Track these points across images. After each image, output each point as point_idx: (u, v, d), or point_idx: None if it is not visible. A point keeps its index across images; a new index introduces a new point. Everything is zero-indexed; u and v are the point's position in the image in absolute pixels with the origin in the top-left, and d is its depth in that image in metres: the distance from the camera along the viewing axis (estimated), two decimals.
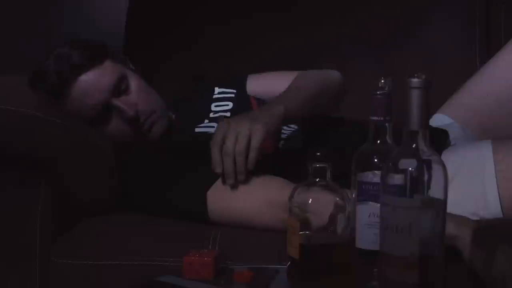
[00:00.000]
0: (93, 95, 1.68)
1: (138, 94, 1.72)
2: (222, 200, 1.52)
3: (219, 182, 1.51)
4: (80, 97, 1.67)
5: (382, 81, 1.26)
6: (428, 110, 1.14)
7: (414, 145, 1.14)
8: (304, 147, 1.64)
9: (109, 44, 1.75)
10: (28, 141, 1.49)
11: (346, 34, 2.16)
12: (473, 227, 1.32)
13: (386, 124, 1.26)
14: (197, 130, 1.75)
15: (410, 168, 1.13)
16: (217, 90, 1.86)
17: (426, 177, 1.13)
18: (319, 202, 1.24)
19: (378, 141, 1.26)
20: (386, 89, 1.25)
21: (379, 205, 1.17)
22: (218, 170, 1.48)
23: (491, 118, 1.85)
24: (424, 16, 2.20)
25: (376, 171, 1.23)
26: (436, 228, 1.13)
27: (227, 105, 1.81)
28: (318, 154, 1.26)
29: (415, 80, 1.13)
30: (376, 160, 1.25)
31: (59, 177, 1.53)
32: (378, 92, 1.26)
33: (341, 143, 1.51)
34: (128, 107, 1.69)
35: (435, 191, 1.13)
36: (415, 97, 1.13)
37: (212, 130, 1.65)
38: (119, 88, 1.70)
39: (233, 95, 1.84)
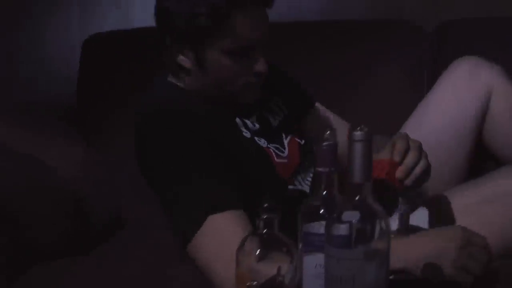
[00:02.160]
0: (258, 29, 1.63)
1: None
2: (213, 238, 1.51)
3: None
4: (246, 23, 1.61)
5: (328, 133, 1.28)
6: (371, 161, 1.17)
7: (357, 197, 1.16)
8: None
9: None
10: None
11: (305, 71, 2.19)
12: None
13: (333, 176, 1.28)
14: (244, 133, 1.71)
15: (353, 220, 1.15)
16: (274, 99, 1.84)
17: (369, 229, 1.15)
18: (266, 254, 1.26)
19: (325, 192, 1.28)
20: (331, 141, 1.28)
21: None
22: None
23: None
24: (377, 57, 2.25)
25: (322, 222, 1.25)
26: (380, 278, 1.15)
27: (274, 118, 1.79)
28: (266, 205, 1.27)
29: (358, 133, 1.16)
30: (322, 211, 1.26)
31: (14, 223, 1.53)
32: (324, 144, 1.28)
33: None
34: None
35: (378, 242, 1.15)
36: (358, 150, 1.15)
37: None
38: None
39: (282, 115, 1.82)
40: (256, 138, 1.68)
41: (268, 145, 1.69)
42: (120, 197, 2.07)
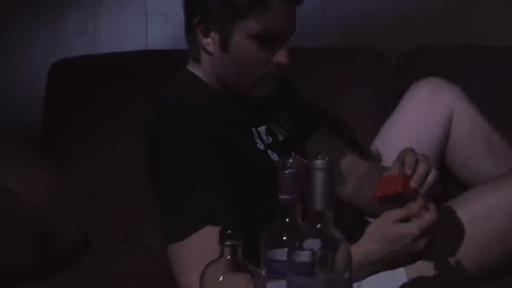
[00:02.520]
0: (288, 19, 1.65)
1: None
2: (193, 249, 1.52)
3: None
4: (280, 11, 1.62)
5: (291, 160, 1.30)
6: (332, 190, 1.18)
7: (319, 225, 1.17)
8: None
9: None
10: None
11: None
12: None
13: (295, 203, 1.29)
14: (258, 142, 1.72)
15: (314, 248, 1.16)
16: (282, 113, 1.84)
17: (330, 257, 1.16)
18: (230, 280, 1.26)
19: (287, 220, 1.29)
20: (294, 168, 1.29)
21: None
22: None
23: None
24: (343, 84, 2.27)
25: (285, 249, 1.26)
26: None
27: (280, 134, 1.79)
28: (229, 232, 1.28)
29: (318, 162, 1.17)
30: (285, 238, 1.27)
31: None
32: (286, 172, 1.29)
33: None
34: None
35: (339, 270, 1.16)
36: (319, 178, 1.17)
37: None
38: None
39: (289, 131, 1.82)
40: (269, 152, 1.70)
41: (278, 160, 1.69)
42: (86, 222, 2.06)
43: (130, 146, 2.12)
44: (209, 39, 1.66)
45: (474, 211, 1.66)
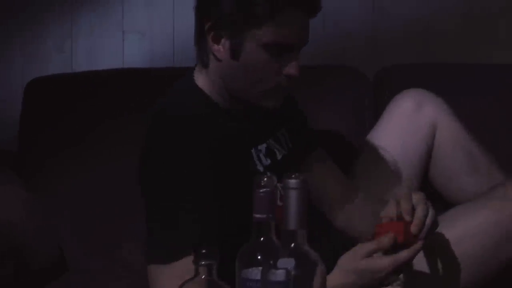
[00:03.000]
0: (302, 31, 1.62)
1: None
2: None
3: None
4: (295, 22, 1.60)
5: (265, 179, 1.30)
6: (306, 209, 1.18)
7: (292, 244, 1.17)
8: None
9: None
10: None
11: None
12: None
13: (270, 222, 1.29)
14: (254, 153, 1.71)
15: (288, 267, 1.16)
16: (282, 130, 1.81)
17: (304, 276, 1.16)
18: None
19: (262, 238, 1.29)
20: (269, 187, 1.29)
21: None
22: None
23: None
24: (320, 102, 2.28)
25: (260, 268, 1.26)
26: None
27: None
28: (204, 251, 1.28)
29: (292, 181, 1.17)
30: (259, 257, 1.27)
31: None
32: (261, 190, 1.29)
33: None
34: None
35: None
36: (293, 197, 1.17)
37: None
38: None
39: (286, 149, 1.80)
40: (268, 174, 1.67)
41: (277, 184, 1.68)
42: (63, 239, 2.06)
43: (106, 163, 2.12)
44: (219, 46, 1.62)
45: (454, 233, 1.66)
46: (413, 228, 1.53)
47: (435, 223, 1.59)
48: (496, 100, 2.28)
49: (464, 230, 1.67)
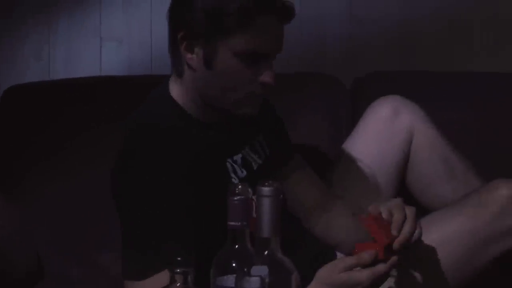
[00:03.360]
0: (275, 38, 1.62)
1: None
2: None
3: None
4: (267, 30, 1.60)
5: (240, 187, 1.30)
6: (279, 217, 1.19)
7: (266, 252, 1.18)
8: None
9: None
10: None
11: None
12: None
13: (244, 229, 1.29)
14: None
15: (262, 275, 1.16)
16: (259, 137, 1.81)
17: (278, 283, 1.16)
18: None
19: (237, 246, 1.29)
20: (243, 195, 1.29)
21: None
22: None
23: None
24: (298, 109, 2.29)
25: (234, 275, 1.26)
26: None
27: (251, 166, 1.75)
28: (179, 259, 1.28)
29: (265, 188, 1.18)
30: (234, 265, 1.28)
31: None
32: (235, 198, 1.29)
33: None
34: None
35: None
36: (266, 205, 1.18)
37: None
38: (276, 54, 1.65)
39: (264, 157, 1.80)
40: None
41: (252, 196, 1.68)
42: (40, 249, 2.05)
43: (84, 171, 2.12)
44: (193, 55, 1.62)
45: (429, 239, 1.66)
46: (396, 245, 1.52)
47: (418, 241, 1.60)
48: (472, 107, 2.30)
49: (439, 236, 1.68)
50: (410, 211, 1.57)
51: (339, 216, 1.85)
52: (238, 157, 1.72)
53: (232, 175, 1.68)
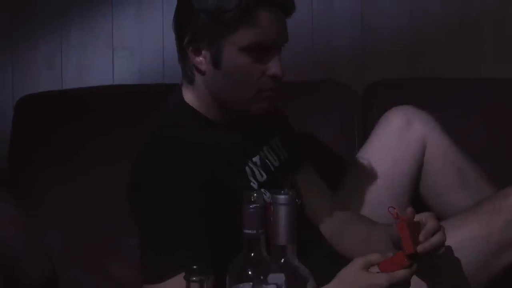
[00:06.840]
0: (278, 29, 1.63)
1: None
2: None
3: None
4: (269, 21, 1.61)
5: (255, 195, 1.30)
6: (295, 224, 1.19)
7: (282, 260, 1.18)
8: None
9: None
10: None
11: None
12: None
13: (260, 237, 1.30)
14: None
15: (278, 283, 1.17)
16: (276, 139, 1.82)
17: None
18: None
19: (252, 254, 1.30)
20: (259, 203, 1.30)
21: None
22: None
23: None
24: (309, 116, 2.29)
25: (251, 283, 1.26)
26: None
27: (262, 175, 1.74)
28: (195, 267, 1.28)
29: (282, 197, 1.18)
30: (250, 273, 1.28)
31: None
32: (251, 206, 1.30)
33: None
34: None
35: None
36: (282, 213, 1.18)
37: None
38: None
39: (282, 158, 1.81)
40: (262, 191, 1.64)
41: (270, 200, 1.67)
42: (53, 257, 2.05)
43: (97, 181, 2.12)
44: (201, 58, 1.64)
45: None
46: (421, 249, 1.52)
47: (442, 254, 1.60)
48: (482, 114, 2.30)
49: (453, 243, 1.67)
50: (442, 226, 1.59)
51: (350, 227, 1.85)
52: (257, 159, 1.73)
53: (251, 179, 1.69)
